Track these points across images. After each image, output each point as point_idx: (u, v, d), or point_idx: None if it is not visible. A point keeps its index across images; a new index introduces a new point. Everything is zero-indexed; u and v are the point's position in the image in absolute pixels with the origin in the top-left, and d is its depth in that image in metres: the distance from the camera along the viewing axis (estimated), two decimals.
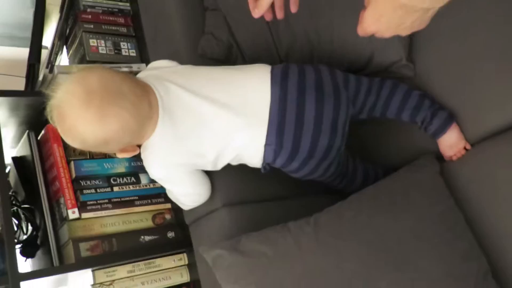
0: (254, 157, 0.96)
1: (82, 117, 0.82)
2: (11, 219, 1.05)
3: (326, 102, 0.93)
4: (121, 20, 1.39)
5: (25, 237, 1.18)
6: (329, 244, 0.91)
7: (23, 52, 1.61)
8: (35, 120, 1.21)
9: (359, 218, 0.95)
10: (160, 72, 0.97)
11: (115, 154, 0.93)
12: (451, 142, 1.02)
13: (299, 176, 1.02)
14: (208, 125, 0.92)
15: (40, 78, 1.23)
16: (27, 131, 1.20)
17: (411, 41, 1.06)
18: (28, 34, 1.39)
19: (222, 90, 0.93)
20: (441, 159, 1.06)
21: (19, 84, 1.46)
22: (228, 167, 1.06)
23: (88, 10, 1.34)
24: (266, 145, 0.93)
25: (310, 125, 0.92)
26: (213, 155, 0.94)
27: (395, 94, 1.02)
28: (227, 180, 1.07)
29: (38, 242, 1.18)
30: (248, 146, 0.94)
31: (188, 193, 1.01)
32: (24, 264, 1.21)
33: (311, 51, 1.11)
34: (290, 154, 0.94)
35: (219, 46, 1.17)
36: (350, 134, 1.03)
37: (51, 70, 1.23)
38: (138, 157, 1.24)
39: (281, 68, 0.96)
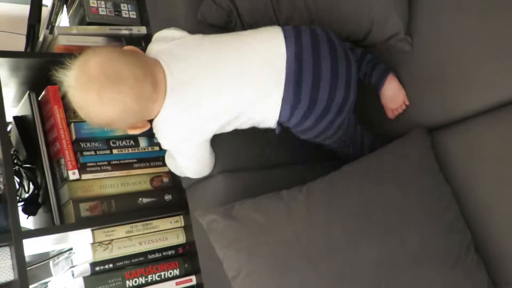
0: (270, 117, 0.97)
1: (85, 100, 0.88)
2: (13, 178, 1.07)
3: (339, 57, 0.96)
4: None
5: (26, 195, 1.22)
6: (319, 212, 0.95)
7: (23, 9, 1.60)
8: (35, 81, 1.22)
9: (349, 189, 0.98)
10: (171, 46, 0.97)
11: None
12: (391, 94, 1.07)
13: (310, 136, 1.04)
14: (226, 92, 0.93)
15: (41, 38, 1.23)
16: (27, 91, 1.21)
17: (410, 14, 1.06)
18: None
19: (237, 58, 0.94)
20: (432, 133, 1.08)
21: (20, 42, 1.45)
22: (227, 134, 1.08)
23: None
24: (283, 102, 0.94)
25: (327, 80, 0.94)
26: (228, 117, 0.96)
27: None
28: (224, 147, 1.09)
29: (40, 200, 1.22)
30: (265, 105, 0.95)
31: (193, 168, 1.05)
32: (26, 221, 1.25)
33: (310, 20, 1.10)
34: (306, 111, 0.95)
35: (219, 11, 1.16)
36: None
37: (51, 31, 1.23)
38: None
39: (292, 28, 0.97)
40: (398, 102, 1.08)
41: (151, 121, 0.96)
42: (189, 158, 1.02)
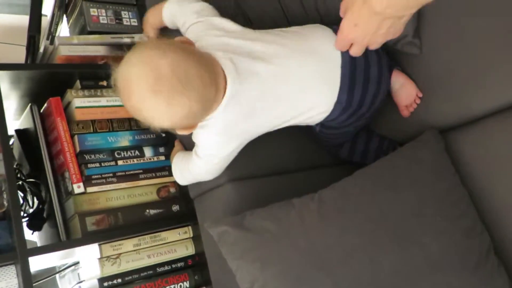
0: (320, 115, 0.97)
1: (148, 103, 0.80)
2: (17, 194, 1.05)
3: (380, 59, 0.98)
4: None
5: (31, 210, 1.19)
6: (333, 220, 0.92)
7: (22, 20, 1.58)
8: (37, 93, 1.20)
9: (363, 195, 0.95)
10: (227, 41, 0.91)
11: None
12: (399, 88, 1.05)
13: (328, 132, 1.04)
14: (285, 97, 0.92)
15: (41, 50, 1.21)
16: (29, 104, 1.19)
17: (418, 15, 1.03)
18: (27, 1, 1.35)
19: (296, 58, 0.92)
20: (445, 134, 1.05)
21: (19, 53, 1.43)
22: None
23: None
24: (336, 103, 0.95)
25: (374, 82, 0.96)
26: (286, 120, 0.97)
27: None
28: None
29: (45, 215, 1.19)
30: (320, 105, 0.95)
31: (214, 170, 1.00)
32: (31, 237, 1.22)
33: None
34: (355, 110, 0.97)
35: (224, 15, 1.14)
36: None
37: (52, 42, 1.20)
38: (142, 131, 1.25)
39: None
40: (410, 97, 1.05)
41: None
42: (218, 160, 0.97)
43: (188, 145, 1.08)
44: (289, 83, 0.92)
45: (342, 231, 0.90)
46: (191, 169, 1.01)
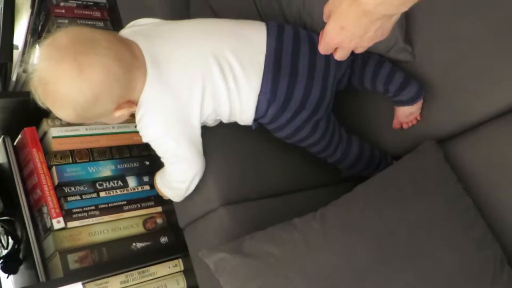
0: (247, 109, 0.93)
1: (62, 76, 0.78)
2: None
3: (318, 56, 0.93)
4: (97, 14, 1.31)
5: (5, 252, 1.09)
6: (339, 239, 0.86)
7: None
8: (10, 124, 1.13)
9: (367, 211, 0.90)
10: (142, 28, 0.92)
11: (111, 118, 0.87)
12: (411, 111, 1.02)
13: (286, 135, 0.99)
14: (202, 77, 0.88)
15: (14, 78, 1.14)
16: (1, 136, 1.11)
17: (408, 20, 1.02)
18: None
19: (215, 39, 0.90)
20: (444, 143, 1.03)
21: None
22: (225, 163, 1.00)
23: (62, 4, 1.25)
24: (260, 93, 0.91)
25: (304, 75, 0.92)
26: (208, 110, 0.91)
27: (368, 62, 1.02)
28: (224, 177, 1.01)
29: (21, 256, 1.09)
30: (242, 95, 0.91)
31: (189, 158, 0.93)
32: (6, 281, 1.12)
33: None
34: (283, 103, 0.92)
35: None
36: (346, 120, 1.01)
37: (25, 70, 1.14)
38: (124, 160, 1.18)
39: (276, 23, 0.95)
40: (411, 116, 1.03)
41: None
42: (178, 146, 0.90)
43: None
44: (209, 48, 0.89)
45: (350, 250, 0.85)
46: (170, 174, 0.96)
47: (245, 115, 0.94)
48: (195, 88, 0.88)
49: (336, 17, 0.73)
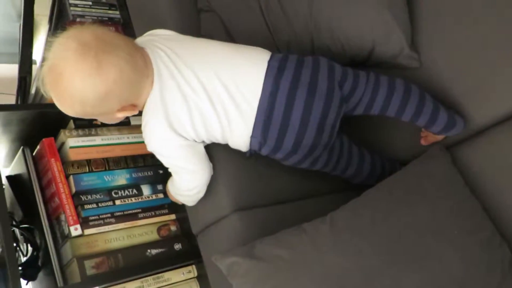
0: (240, 144, 0.95)
1: (79, 70, 0.80)
2: (12, 242, 0.99)
3: (316, 103, 0.90)
4: (112, 29, 1.35)
5: (25, 259, 1.13)
6: (348, 242, 0.88)
7: (10, 69, 1.57)
8: (29, 135, 1.17)
9: (376, 214, 0.91)
10: (155, 38, 0.95)
11: (111, 118, 0.90)
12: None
13: (289, 164, 1.00)
14: (195, 105, 0.89)
15: (33, 91, 1.18)
16: (21, 147, 1.15)
17: (414, 28, 1.04)
18: (14, 49, 1.34)
19: (217, 69, 0.90)
20: (451, 149, 1.04)
21: (8, 102, 1.41)
22: (236, 171, 1.02)
23: (78, 19, 1.30)
24: (251, 136, 0.92)
25: (296, 125, 0.90)
26: (201, 134, 0.92)
27: (393, 96, 0.96)
28: (236, 184, 1.03)
29: (39, 263, 1.12)
30: (234, 133, 0.92)
31: (191, 170, 0.95)
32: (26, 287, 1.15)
33: (311, 46, 1.08)
34: (273, 148, 0.93)
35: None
36: (355, 128, 1.01)
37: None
38: (138, 169, 1.21)
39: (279, 60, 0.92)
40: (439, 137, 1.02)
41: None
42: (183, 156, 0.93)
43: None
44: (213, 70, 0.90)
45: (358, 253, 0.86)
46: (177, 182, 0.98)
47: (240, 147, 0.96)
48: (187, 115, 0.89)
49: None
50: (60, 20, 1.31)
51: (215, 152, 1.00)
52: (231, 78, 0.90)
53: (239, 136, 0.93)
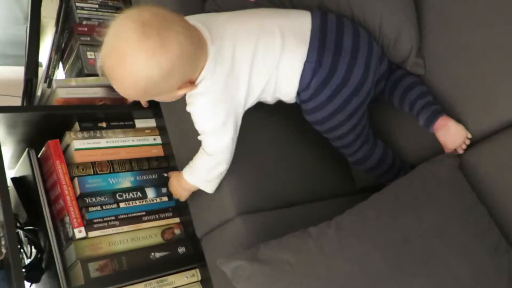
0: (292, 76, 0.96)
1: (144, 49, 0.81)
2: (17, 244, 0.99)
3: (362, 40, 0.97)
4: None
5: (29, 261, 1.12)
6: (354, 247, 0.87)
7: (16, 71, 1.57)
8: (34, 137, 1.16)
9: (382, 219, 0.91)
10: (201, 17, 0.97)
11: (171, 96, 0.92)
12: (444, 139, 1.01)
13: (321, 118, 0.99)
14: (254, 45, 0.93)
15: (39, 93, 1.18)
16: (26, 149, 1.15)
17: (420, 35, 1.04)
18: (21, 52, 1.34)
19: (264, 18, 0.96)
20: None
21: (14, 103, 1.41)
22: (241, 173, 1.02)
23: (84, 22, 1.30)
24: (306, 61, 0.94)
25: (347, 53, 0.95)
26: (262, 84, 0.95)
27: (400, 82, 1.05)
28: (240, 188, 1.03)
29: (43, 265, 1.12)
30: (290, 60, 0.94)
31: (230, 145, 0.97)
32: None
33: None
34: (327, 75, 0.95)
35: None
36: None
37: (49, 85, 1.18)
38: (143, 171, 1.21)
39: (319, 9, 1.00)
40: (457, 140, 1.00)
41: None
42: (230, 129, 0.95)
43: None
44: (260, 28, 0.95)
45: (364, 257, 0.86)
46: (206, 147, 0.98)
47: (290, 84, 0.97)
48: (245, 52, 0.93)
49: None
50: (67, 23, 1.32)
51: None
52: (281, 21, 0.95)
53: (293, 65, 0.94)
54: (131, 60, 0.82)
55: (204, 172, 1.00)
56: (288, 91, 0.99)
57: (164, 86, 0.87)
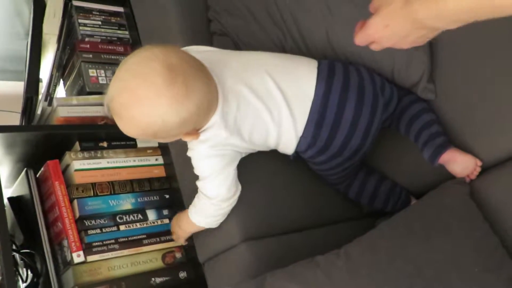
0: (288, 145, 0.96)
1: (166, 96, 0.76)
2: (13, 267, 0.95)
3: (365, 106, 0.94)
4: (121, 49, 1.33)
5: (24, 285, 1.08)
6: (364, 277, 0.84)
7: (15, 86, 1.54)
8: (33, 157, 1.13)
9: (393, 248, 0.88)
10: (207, 54, 0.92)
11: (173, 139, 0.89)
12: (454, 171, 0.98)
13: (318, 168, 1.02)
14: (260, 114, 0.90)
15: (39, 112, 1.15)
16: (25, 168, 1.12)
17: (432, 59, 1.02)
18: (21, 67, 1.32)
19: (270, 73, 0.91)
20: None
21: (12, 120, 1.38)
22: (246, 199, 0.99)
23: (86, 39, 1.28)
24: (302, 136, 0.93)
25: (346, 126, 0.93)
26: (261, 141, 0.94)
27: (411, 105, 1.02)
28: (245, 213, 1.00)
29: None
30: (286, 134, 0.93)
31: (231, 185, 0.94)
32: None
33: None
34: (321, 149, 0.95)
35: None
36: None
37: (50, 103, 1.16)
38: (144, 193, 1.18)
39: (328, 64, 0.96)
40: (467, 169, 0.98)
41: None
42: (227, 174, 0.93)
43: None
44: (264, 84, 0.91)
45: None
46: (204, 202, 0.95)
47: (286, 149, 0.98)
48: (249, 113, 0.89)
49: (384, 14, 0.71)
50: (69, 40, 1.29)
51: None
52: (283, 80, 0.91)
53: (289, 138, 0.94)
54: (150, 103, 0.77)
55: (209, 215, 0.98)
56: (284, 150, 0.99)
57: (174, 133, 0.83)
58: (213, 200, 0.93)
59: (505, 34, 0.95)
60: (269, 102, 0.90)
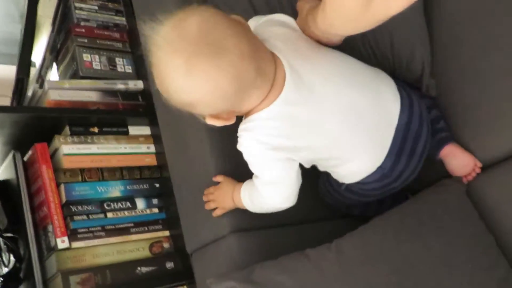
0: (354, 173, 0.86)
1: (169, 67, 0.69)
2: None
3: (429, 133, 0.89)
4: (117, 35, 1.31)
5: (6, 270, 1.06)
6: (355, 272, 0.82)
7: (8, 70, 1.52)
8: (21, 140, 1.11)
9: (385, 243, 0.86)
10: (289, 33, 0.82)
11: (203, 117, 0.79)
12: (452, 168, 0.97)
13: (352, 197, 0.94)
14: (343, 132, 0.80)
15: (29, 94, 1.13)
16: (12, 151, 1.09)
17: (433, 56, 1.00)
18: (14, 50, 1.29)
19: (355, 90, 0.81)
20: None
21: (2, 103, 1.36)
22: None
23: (82, 23, 1.26)
24: (379, 167, 0.84)
25: (417, 157, 0.87)
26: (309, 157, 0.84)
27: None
28: None
29: (21, 275, 1.05)
30: (355, 163, 0.84)
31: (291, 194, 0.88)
32: None
33: None
34: (392, 180, 0.87)
35: None
36: None
37: (41, 85, 1.13)
38: (134, 181, 1.16)
39: (402, 86, 0.87)
40: (466, 168, 0.96)
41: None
42: (275, 173, 0.83)
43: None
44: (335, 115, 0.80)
45: (367, 282, 0.81)
46: (258, 198, 0.88)
47: (348, 175, 0.88)
48: (316, 131, 0.80)
49: None
50: (64, 23, 1.27)
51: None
52: (371, 102, 0.82)
53: (364, 168, 0.84)
54: (159, 70, 0.71)
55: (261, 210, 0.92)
56: (342, 179, 0.89)
57: (192, 110, 0.75)
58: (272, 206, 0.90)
59: (509, 33, 0.94)
60: (354, 118, 0.81)
